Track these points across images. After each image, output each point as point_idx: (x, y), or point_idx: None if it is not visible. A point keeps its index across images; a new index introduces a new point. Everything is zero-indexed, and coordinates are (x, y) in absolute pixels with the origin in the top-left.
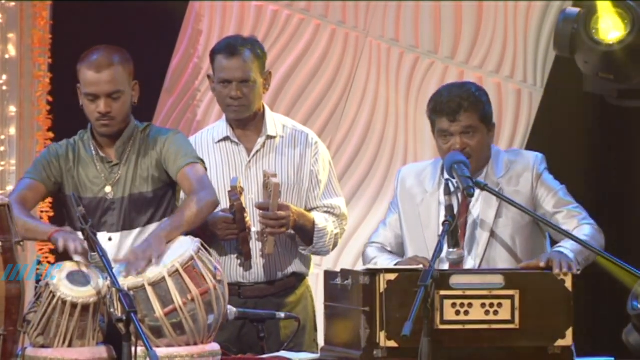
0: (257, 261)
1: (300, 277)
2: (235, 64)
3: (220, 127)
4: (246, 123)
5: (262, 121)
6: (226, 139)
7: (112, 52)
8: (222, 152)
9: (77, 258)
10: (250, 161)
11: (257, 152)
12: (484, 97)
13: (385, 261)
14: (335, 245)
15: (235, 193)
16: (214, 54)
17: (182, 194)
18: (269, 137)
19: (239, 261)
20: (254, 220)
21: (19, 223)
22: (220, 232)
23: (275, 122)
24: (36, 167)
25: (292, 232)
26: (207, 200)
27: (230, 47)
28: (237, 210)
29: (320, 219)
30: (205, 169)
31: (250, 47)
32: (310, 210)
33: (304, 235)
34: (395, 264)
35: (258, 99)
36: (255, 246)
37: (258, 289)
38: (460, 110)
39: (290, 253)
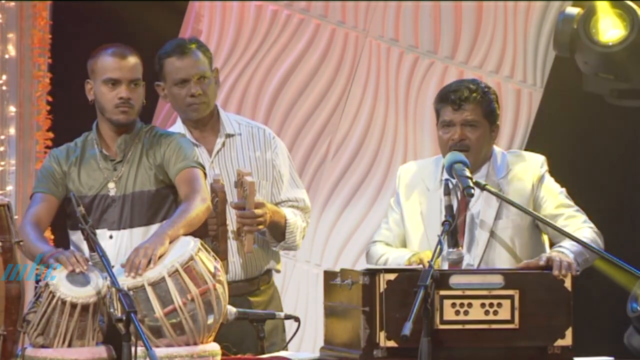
0: (235, 259)
1: (271, 275)
2: (190, 62)
3: (176, 131)
4: (204, 124)
5: (218, 121)
6: None
7: (127, 47)
8: None
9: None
10: (212, 162)
11: (217, 152)
12: (491, 95)
13: (399, 254)
14: (302, 238)
15: (219, 184)
16: (162, 58)
17: None
18: (228, 136)
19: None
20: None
21: (26, 247)
22: (201, 227)
23: (230, 120)
24: (42, 180)
25: (265, 228)
26: (202, 205)
27: (180, 47)
28: (220, 201)
29: (290, 214)
30: (205, 174)
31: (198, 45)
32: (275, 205)
33: (276, 231)
34: (410, 257)
35: (214, 96)
36: (230, 245)
37: (235, 287)
38: (466, 101)
39: (264, 250)
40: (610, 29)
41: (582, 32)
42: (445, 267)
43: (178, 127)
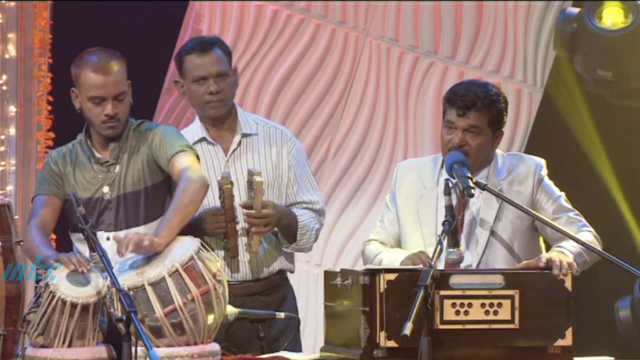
0: (244, 259)
1: (285, 275)
2: (210, 59)
3: (194, 129)
4: (221, 122)
5: (236, 120)
6: (202, 140)
7: (110, 53)
8: (199, 153)
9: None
10: (228, 161)
11: (233, 151)
12: (500, 103)
13: (393, 255)
14: (315, 240)
15: (225, 180)
16: (182, 55)
17: None
18: (245, 135)
19: (226, 260)
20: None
21: (30, 251)
22: (209, 225)
23: (247, 120)
24: (43, 182)
25: (276, 229)
26: (198, 183)
27: (201, 44)
28: (226, 196)
29: (303, 216)
30: (197, 156)
31: (219, 43)
32: (289, 206)
33: (288, 233)
34: (403, 260)
35: (233, 95)
36: (241, 243)
37: (245, 287)
38: (472, 108)
39: (275, 250)
40: (614, 19)
41: (587, 19)
42: (442, 266)
43: (196, 125)
